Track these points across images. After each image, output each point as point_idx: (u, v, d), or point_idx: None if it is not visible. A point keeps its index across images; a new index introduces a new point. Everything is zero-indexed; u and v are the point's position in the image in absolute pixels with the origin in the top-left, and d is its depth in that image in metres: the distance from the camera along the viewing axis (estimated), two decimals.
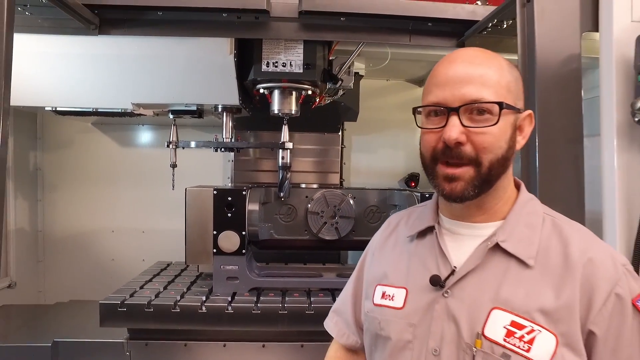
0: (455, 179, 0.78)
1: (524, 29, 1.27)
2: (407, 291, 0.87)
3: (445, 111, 0.78)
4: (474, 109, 0.77)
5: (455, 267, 0.82)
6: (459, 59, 0.81)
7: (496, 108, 0.77)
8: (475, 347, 0.75)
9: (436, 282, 0.82)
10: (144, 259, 2.57)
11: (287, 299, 1.79)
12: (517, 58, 1.30)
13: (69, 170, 2.63)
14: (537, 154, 1.23)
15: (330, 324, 1.11)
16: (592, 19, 1.24)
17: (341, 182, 2.51)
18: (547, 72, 1.25)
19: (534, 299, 0.75)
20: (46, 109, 1.93)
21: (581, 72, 1.25)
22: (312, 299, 1.79)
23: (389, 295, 0.89)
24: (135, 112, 1.92)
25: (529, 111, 0.85)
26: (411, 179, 2.52)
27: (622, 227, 1.14)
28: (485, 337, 0.75)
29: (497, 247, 0.80)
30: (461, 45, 1.67)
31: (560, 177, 1.26)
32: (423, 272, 0.85)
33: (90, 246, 2.65)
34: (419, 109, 0.85)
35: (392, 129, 2.69)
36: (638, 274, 1.10)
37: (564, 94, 1.26)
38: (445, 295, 0.81)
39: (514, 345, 0.73)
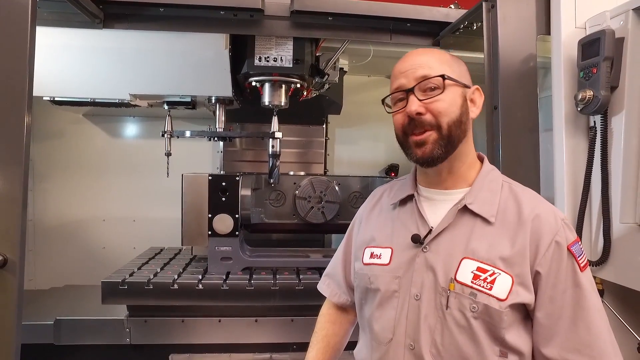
0: (423, 144, 0.96)
1: (489, 31, 1.45)
2: (392, 250, 1.04)
3: (405, 93, 0.97)
4: (426, 87, 0.96)
5: (432, 227, 1.00)
6: (409, 56, 1.02)
7: (440, 80, 0.96)
8: (449, 290, 0.93)
9: (416, 239, 0.99)
10: (134, 247, 2.65)
11: (278, 276, 1.93)
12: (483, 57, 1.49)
13: (60, 161, 2.68)
14: (500, 142, 1.42)
15: (323, 286, 1.27)
16: (545, 24, 1.44)
17: (325, 173, 2.66)
18: (508, 70, 1.44)
19: (495, 249, 0.93)
20: (44, 98, 1.99)
21: (537, 70, 1.44)
22: (301, 276, 1.93)
23: (377, 255, 1.06)
24: (131, 102, 2.01)
25: (476, 86, 1.04)
26: (391, 170, 2.68)
27: (569, 197, 1.35)
28: (457, 281, 0.93)
29: (465, 209, 0.98)
30: (437, 43, 1.86)
31: (521, 162, 1.45)
32: (405, 233, 1.02)
33: (82, 235, 2.71)
34: (386, 99, 1.04)
35: (373, 122, 2.86)
36: (582, 232, 1.32)
37: (523, 89, 1.45)
38: (424, 250, 0.98)
39: (479, 285, 0.90)
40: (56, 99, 1.99)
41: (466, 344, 0.90)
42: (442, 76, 0.96)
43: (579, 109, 1.31)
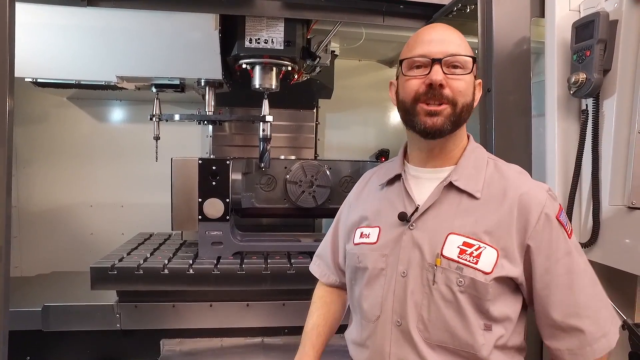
0: (436, 114, 0.96)
1: (483, 13, 1.44)
2: (380, 229, 1.04)
3: (429, 62, 0.96)
4: (452, 63, 0.96)
5: (418, 204, 1.00)
6: (439, 26, 1.01)
7: (469, 62, 0.97)
8: (435, 265, 0.94)
9: (403, 217, 0.99)
10: (123, 232, 2.63)
11: (269, 261, 1.93)
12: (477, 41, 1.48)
13: (43, 145, 2.62)
14: (493, 124, 1.42)
15: (314, 267, 1.29)
16: (539, 6, 1.43)
17: (315, 157, 2.65)
18: (502, 52, 1.43)
19: (480, 223, 0.94)
20: (26, 79, 1.93)
21: (530, 53, 1.44)
22: (292, 260, 1.93)
23: (366, 234, 1.06)
24: (118, 85, 1.96)
25: (479, 80, 1.04)
26: (381, 155, 2.69)
27: (560, 180, 1.37)
28: (443, 256, 0.94)
29: (451, 186, 0.99)
30: None
31: (513, 144, 1.46)
32: (392, 211, 1.02)
33: (68, 221, 2.66)
34: (403, 62, 1.00)
35: (364, 107, 2.85)
36: (572, 214, 1.33)
37: (516, 72, 1.45)
38: (411, 228, 0.99)
39: (465, 260, 0.92)
40: (39, 80, 1.93)
41: (453, 318, 0.92)
42: (474, 59, 0.97)
43: (571, 92, 1.31)
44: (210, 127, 2.49)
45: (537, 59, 1.63)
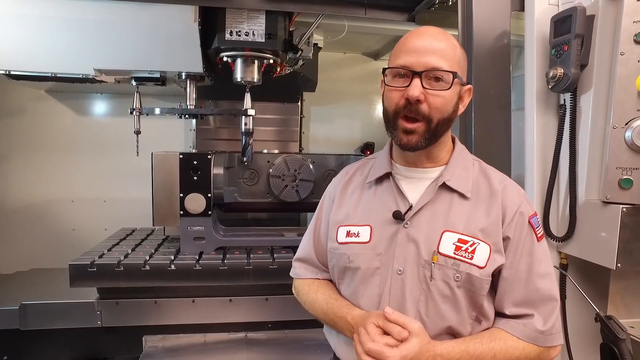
0: (411, 132, 0.97)
1: (464, 7, 1.43)
2: (371, 227, 1.04)
3: (410, 74, 0.95)
4: (433, 76, 0.95)
5: (412, 203, 1.01)
6: (425, 34, 0.99)
7: (450, 76, 0.96)
8: (433, 262, 0.96)
9: (398, 216, 1.01)
10: (106, 228, 2.59)
11: (251, 256, 1.91)
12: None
13: (22, 140, 2.57)
14: (472, 117, 1.42)
15: (299, 271, 1.22)
16: (520, 0, 1.42)
17: (300, 151, 2.63)
18: (482, 46, 1.43)
19: (473, 221, 0.98)
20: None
21: (510, 47, 1.44)
22: (275, 255, 1.92)
23: (354, 233, 1.05)
24: (96, 78, 1.91)
25: (470, 85, 1.05)
26: (366, 148, 2.68)
27: (539, 174, 1.38)
28: (440, 253, 0.97)
29: (443, 185, 1.02)
30: (412, 19, 1.83)
31: (493, 139, 1.47)
32: (384, 210, 1.03)
33: (49, 216, 2.62)
34: (386, 70, 1.00)
35: (349, 100, 2.84)
36: (549, 209, 1.35)
37: (496, 66, 1.45)
38: (406, 226, 1.00)
39: (461, 256, 0.96)
40: (12, 73, 1.87)
41: (449, 312, 0.96)
42: (454, 74, 0.96)
43: (550, 86, 1.32)
44: (194, 120, 2.46)
45: (520, 54, 1.64)
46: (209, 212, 1.91)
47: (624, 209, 1.20)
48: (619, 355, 1.12)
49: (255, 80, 1.92)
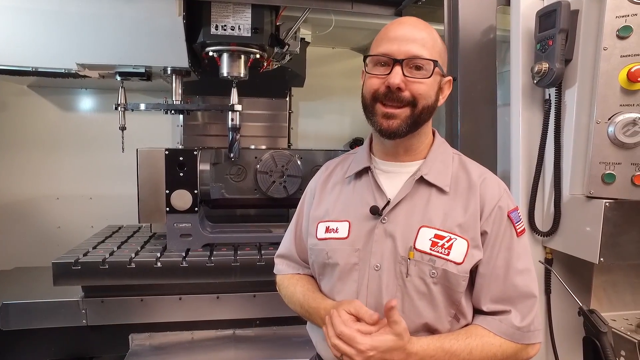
0: (393, 117, 0.95)
1: (450, 1, 1.42)
2: (349, 223, 1.03)
3: (391, 62, 0.94)
4: (414, 64, 0.94)
5: (389, 198, 1.00)
6: (407, 23, 0.98)
7: (431, 65, 0.95)
8: (409, 258, 0.95)
9: (375, 211, 0.99)
10: (92, 225, 2.56)
11: (239, 252, 1.90)
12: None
13: (4, 136, 2.52)
14: (459, 111, 1.42)
15: (282, 267, 1.21)
16: None
17: (289, 147, 2.62)
18: (468, 40, 1.43)
19: (450, 216, 0.96)
20: None
21: (496, 42, 1.44)
22: (262, 251, 1.91)
23: (333, 229, 1.04)
24: (80, 73, 1.88)
25: (450, 77, 1.04)
26: (355, 144, 2.68)
27: (524, 169, 1.38)
28: (416, 249, 0.95)
29: (421, 180, 1.00)
30: (399, 13, 1.82)
31: (479, 133, 1.47)
32: (362, 205, 1.02)
33: (34, 214, 2.58)
34: (367, 59, 0.99)
35: (337, 95, 2.82)
36: (535, 203, 1.35)
37: (482, 61, 1.45)
38: (383, 221, 0.99)
39: (437, 252, 0.94)
40: None
41: (426, 309, 0.95)
42: (435, 62, 0.95)
43: (535, 81, 1.32)
44: (181, 116, 2.43)
45: (507, 49, 1.63)
46: (196, 209, 1.90)
47: (607, 204, 1.21)
48: (600, 348, 1.13)
49: (241, 75, 1.90)
